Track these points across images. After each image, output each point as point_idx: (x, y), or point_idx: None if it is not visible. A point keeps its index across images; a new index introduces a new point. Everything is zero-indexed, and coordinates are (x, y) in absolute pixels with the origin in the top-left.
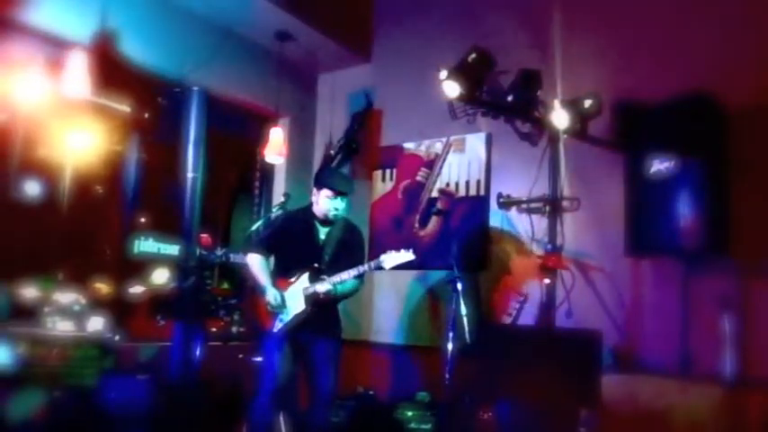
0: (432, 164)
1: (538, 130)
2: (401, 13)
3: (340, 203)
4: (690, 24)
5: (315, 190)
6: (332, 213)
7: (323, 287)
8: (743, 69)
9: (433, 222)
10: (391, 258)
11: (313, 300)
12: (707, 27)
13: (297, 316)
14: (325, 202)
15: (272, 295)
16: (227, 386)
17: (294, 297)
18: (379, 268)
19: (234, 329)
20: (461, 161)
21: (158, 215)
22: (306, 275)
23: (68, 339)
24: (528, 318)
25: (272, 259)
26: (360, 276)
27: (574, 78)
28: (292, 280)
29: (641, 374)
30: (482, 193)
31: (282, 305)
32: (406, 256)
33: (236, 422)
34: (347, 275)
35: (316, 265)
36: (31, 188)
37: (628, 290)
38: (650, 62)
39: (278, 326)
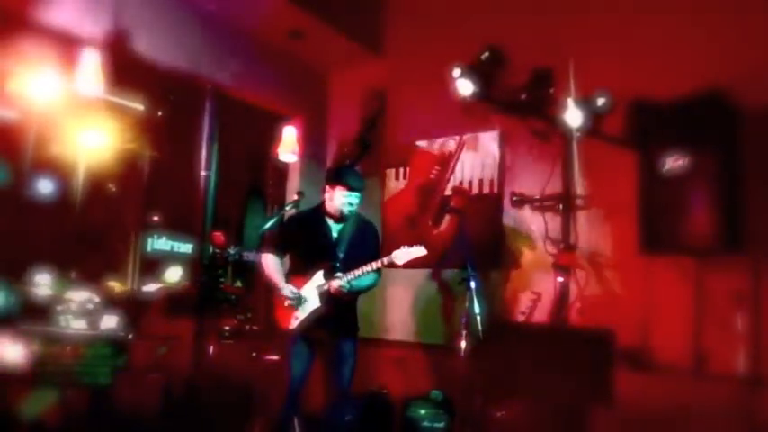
0: (445, 162)
1: (551, 128)
2: (414, 10)
3: (354, 199)
4: (704, 22)
5: (327, 187)
6: (347, 209)
7: (336, 283)
8: (757, 68)
9: (447, 221)
10: (403, 254)
11: (326, 297)
12: (721, 25)
13: (312, 313)
14: (338, 199)
15: (288, 291)
16: (241, 384)
17: (309, 294)
18: (392, 264)
19: (247, 327)
20: (474, 159)
21: (171, 213)
22: (320, 273)
23: (82, 338)
24: (541, 316)
25: (286, 260)
26: (377, 270)
27: (587, 76)
28: (307, 278)
29: (654, 372)
30: (495, 191)
31: (299, 300)
32: (418, 251)
33: (249, 419)
34: (360, 272)
35: (330, 262)
36: (45, 186)
37: (641, 288)
38: (664, 60)
39: (294, 323)
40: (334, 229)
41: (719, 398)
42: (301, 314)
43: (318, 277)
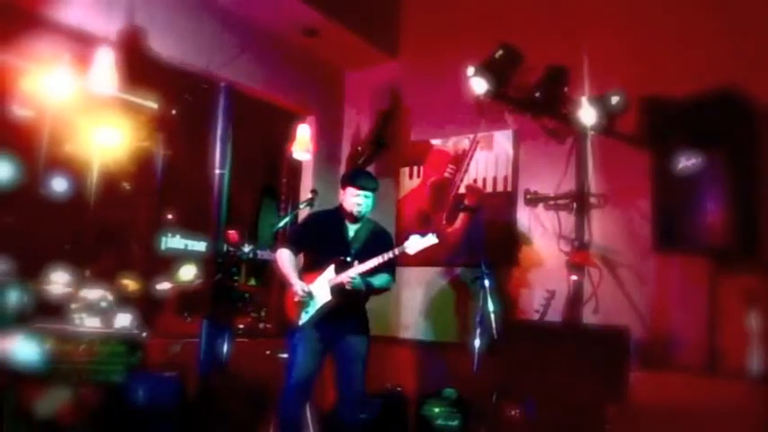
0: (459, 160)
1: (565, 126)
2: (428, 9)
3: (364, 200)
4: (718, 20)
5: (341, 190)
6: (356, 209)
7: (346, 275)
8: None
9: (461, 219)
10: (415, 243)
11: (338, 290)
12: (735, 23)
13: (323, 307)
14: (350, 200)
15: (298, 287)
16: (255, 382)
17: (320, 288)
18: (404, 254)
19: (261, 325)
20: (489, 157)
21: (185, 212)
22: (332, 267)
23: (96, 336)
24: (555, 314)
25: (301, 257)
26: (390, 270)
27: (601, 75)
28: (319, 273)
29: (669, 371)
30: (509, 189)
31: (309, 296)
32: (430, 240)
33: (263, 418)
34: (372, 264)
35: (343, 257)
36: (59, 184)
37: (655, 286)
38: (678, 58)
39: (304, 318)
40: (351, 228)
41: (733, 396)
42: (312, 309)
43: (330, 271)
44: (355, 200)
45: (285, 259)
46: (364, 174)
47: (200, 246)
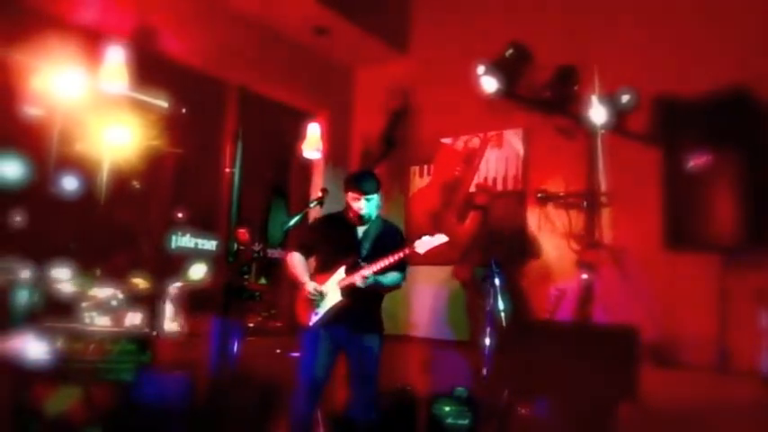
0: (469, 159)
1: (575, 125)
2: (439, 7)
3: (365, 204)
4: (728, 19)
5: (344, 193)
6: (360, 213)
7: (360, 275)
8: None
9: (471, 217)
10: (425, 243)
11: (349, 291)
12: (745, 22)
13: (333, 307)
14: (351, 204)
15: (310, 287)
16: (265, 381)
17: (331, 289)
18: (414, 254)
19: (271, 324)
20: (499, 156)
21: (196, 210)
22: (342, 268)
23: (106, 334)
24: (565, 312)
25: (312, 261)
26: (401, 269)
27: (611, 73)
28: (330, 274)
29: (679, 370)
30: (520, 188)
31: (320, 296)
32: (440, 239)
33: (273, 417)
34: (383, 263)
35: (353, 258)
36: (69, 183)
37: (665, 285)
38: (689, 57)
39: (314, 319)
40: (359, 229)
41: (743, 395)
42: (322, 309)
43: (340, 272)
44: (357, 204)
45: (296, 262)
46: (364, 177)
47: (210, 245)
